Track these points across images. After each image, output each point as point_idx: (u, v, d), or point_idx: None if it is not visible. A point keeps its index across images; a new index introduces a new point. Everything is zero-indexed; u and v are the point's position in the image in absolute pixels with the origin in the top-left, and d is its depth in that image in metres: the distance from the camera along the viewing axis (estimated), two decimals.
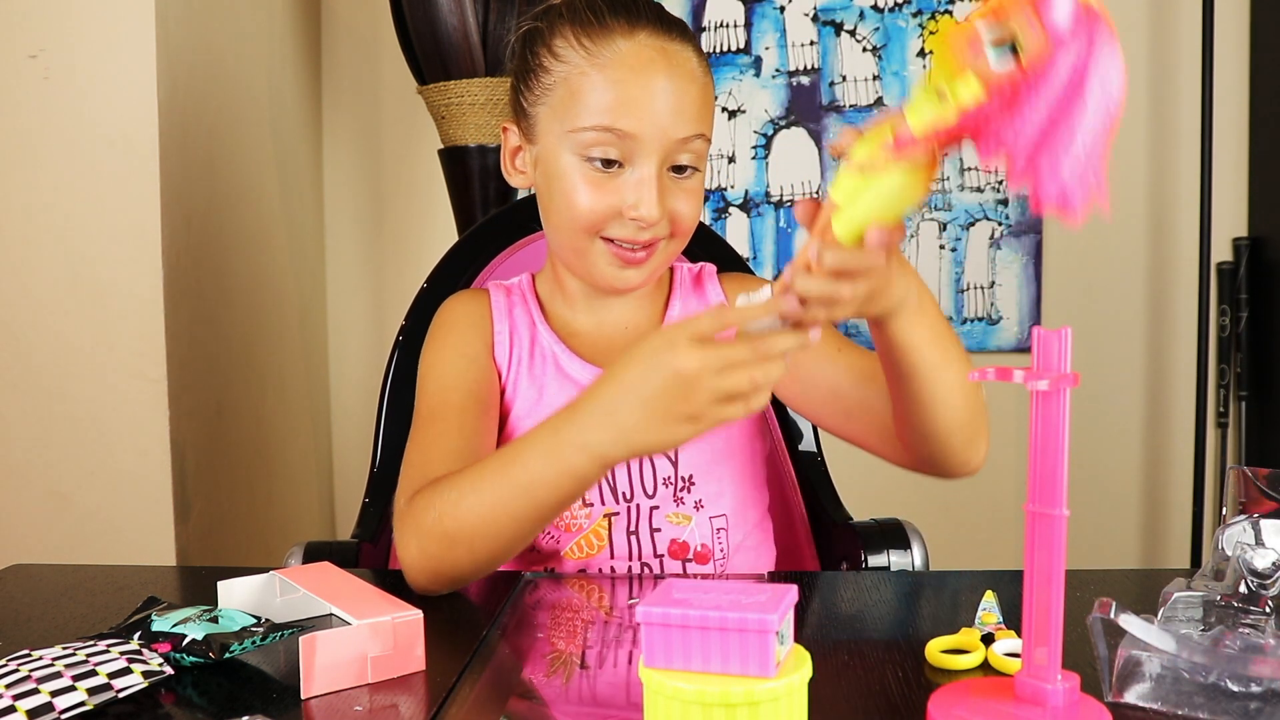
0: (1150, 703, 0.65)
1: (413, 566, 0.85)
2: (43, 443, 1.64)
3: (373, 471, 1.25)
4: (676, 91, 0.94)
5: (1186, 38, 2.28)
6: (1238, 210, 2.29)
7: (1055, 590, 0.58)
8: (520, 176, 1.03)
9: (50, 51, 1.59)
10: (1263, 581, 0.69)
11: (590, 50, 0.94)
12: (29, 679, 0.66)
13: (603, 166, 0.94)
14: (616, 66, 0.93)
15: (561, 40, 0.96)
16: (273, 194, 2.13)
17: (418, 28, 1.98)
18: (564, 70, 0.95)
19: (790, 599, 0.56)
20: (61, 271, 1.62)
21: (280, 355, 2.17)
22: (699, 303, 1.09)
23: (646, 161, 0.94)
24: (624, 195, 0.94)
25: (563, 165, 0.96)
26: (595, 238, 0.97)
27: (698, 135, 0.95)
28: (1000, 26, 0.58)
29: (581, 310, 1.06)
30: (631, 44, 0.94)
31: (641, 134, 0.93)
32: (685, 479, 1.03)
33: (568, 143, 0.95)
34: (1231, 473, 0.78)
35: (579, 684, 0.75)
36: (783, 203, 2.39)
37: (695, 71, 0.96)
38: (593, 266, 0.99)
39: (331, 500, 2.50)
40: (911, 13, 2.33)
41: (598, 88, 0.93)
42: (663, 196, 0.94)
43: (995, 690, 0.62)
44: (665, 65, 0.94)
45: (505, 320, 1.06)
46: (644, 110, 0.93)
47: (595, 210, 0.95)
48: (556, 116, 0.96)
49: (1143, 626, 0.64)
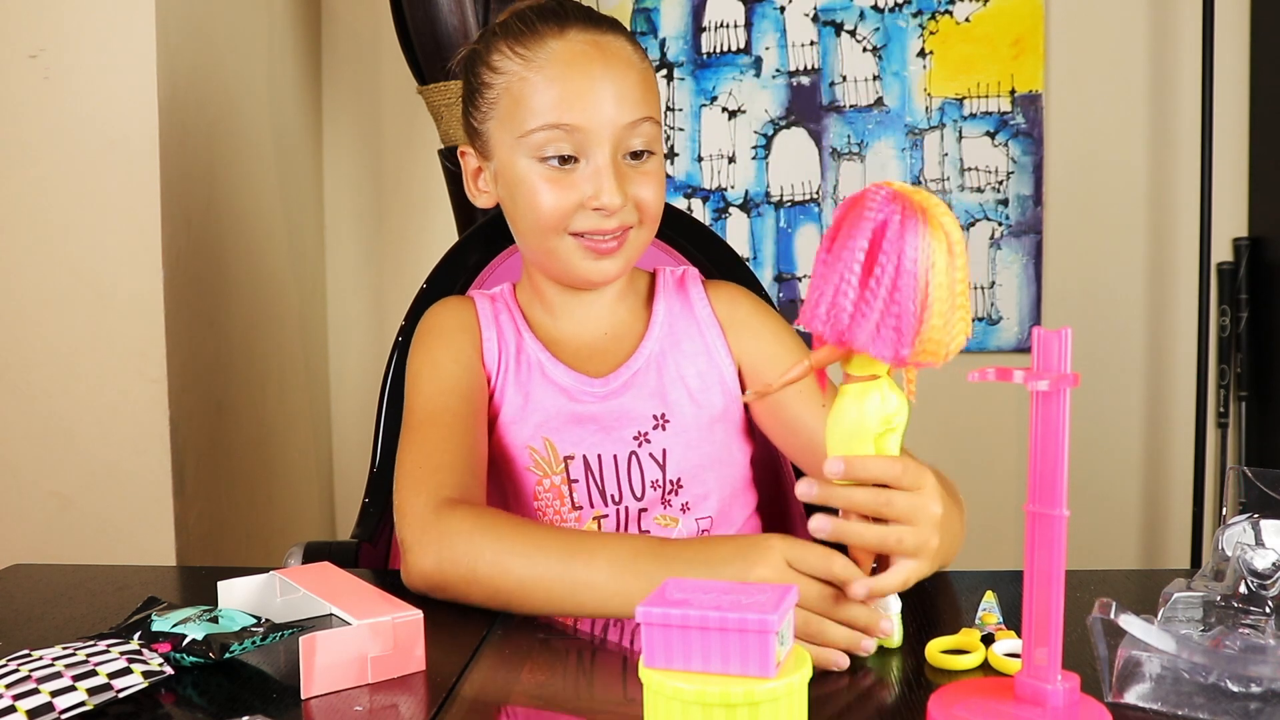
0: (1150, 703, 0.65)
1: (421, 574, 0.85)
2: (43, 443, 1.64)
3: (372, 472, 1.25)
4: (615, 79, 0.96)
5: (1187, 38, 2.28)
6: (1238, 210, 2.29)
7: (1055, 590, 0.58)
8: (484, 196, 1.07)
9: (50, 52, 1.59)
10: (1263, 582, 0.69)
11: (525, 56, 0.97)
12: (29, 679, 0.66)
13: (559, 164, 0.97)
14: (553, 65, 0.96)
15: (498, 54, 0.99)
16: (273, 194, 2.13)
17: (418, 27, 1.98)
18: (504, 80, 0.98)
19: (790, 599, 0.56)
20: (62, 272, 1.62)
21: (280, 355, 2.17)
22: (683, 305, 1.09)
23: (599, 151, 0.96)
24: (583, 188, 0.96)
25: (520, 171, 0.98)
26: (564, 235, 0.99)
27: (645, 119, 0.97)
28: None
29: (561, 316, 1.07)
30: (563, 42, 0.97)
31: (588, 125, 0.95)
32: (673, 482, 1.04)
33: (520, 149, 0.98)
34: (1231, 473, 0.78)
35: (579, 684, 0.75)
36: (783, 203, 2.39)
37: (631, 58, 0.99)
38: (566, 264, 1.00)
39: (331, 500, 2.49)
40: (912, 13, 2.33)
41: (538, 89, 0.96)
42: (622, 183, 0.96)
43: (995, 690, 0.62)
44: (600, 56, 0.97)
45: (493, 327, 1.06)
46: (586, 101, 0.95)
47: (559, 207, 0.97)
48: (505, 126, 0.99)
49: (1143, 627, 0.64)
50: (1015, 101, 2.31)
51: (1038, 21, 2.30)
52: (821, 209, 2.38)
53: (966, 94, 2.33)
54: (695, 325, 1.08)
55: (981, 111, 2.33)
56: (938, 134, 2.34)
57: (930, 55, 2.33)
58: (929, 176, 2.35)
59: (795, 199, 2.39)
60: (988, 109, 2.32)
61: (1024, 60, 2.31)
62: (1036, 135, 2.31)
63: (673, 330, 1.07)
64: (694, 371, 1.06)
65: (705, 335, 1.07)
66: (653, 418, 1.03)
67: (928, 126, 2.34)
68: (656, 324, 1.07)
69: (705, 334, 1.07)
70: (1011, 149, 2.33)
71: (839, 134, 2.37)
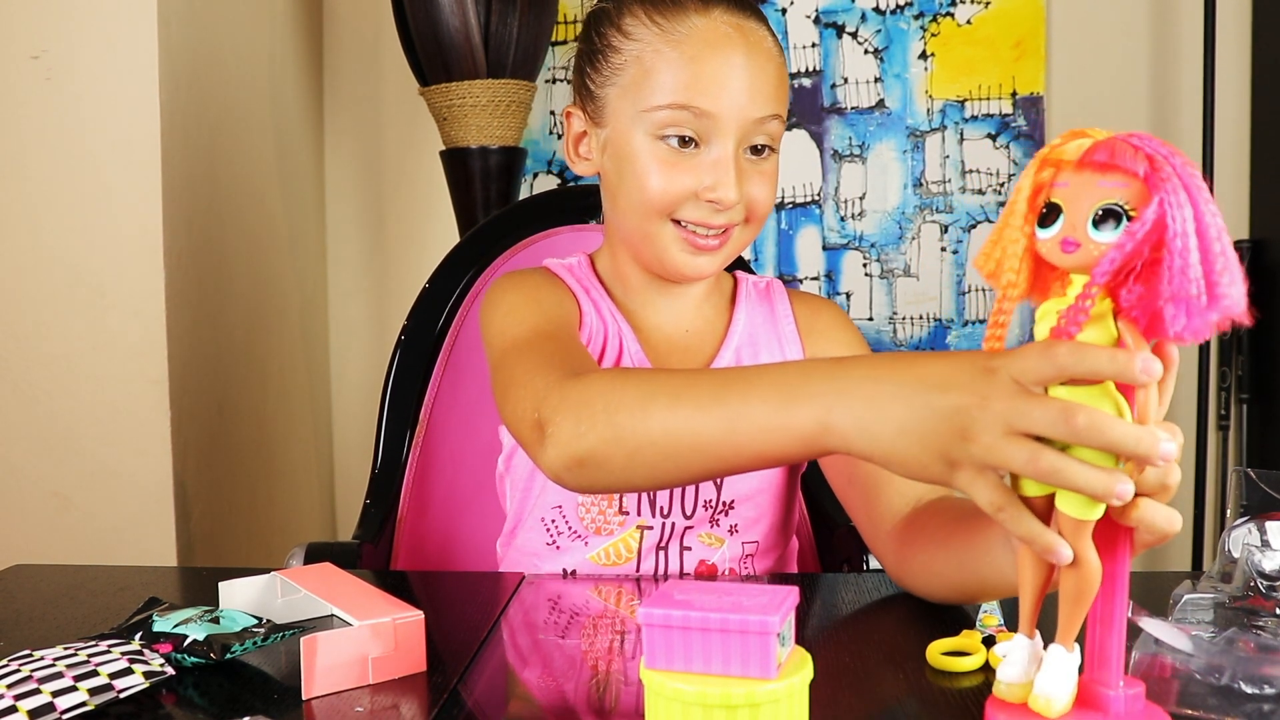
0: (1163, 705, 0.65)
1: (560, 449, 0.72)
2: (44, 443, 1.64)
3: (374, 473, 1.25)
4: (754, 69, 0.90)
5: (1188, 40, 2.28)
6: (1239, 213, 2.29)
7: (1120, 593, 0.57)
8: (585, 164, 0.99)
9: (52, 53, 1.59)
10: (1272, 583, 0.69)
11: (664, 27, 0.91)
12: (30, 679, 0.66)
13: (678, 146, 0.91)
14: (692, 43, 0.90)
15: (632, 19, 0.93)
16: (274, 195, 2.13)
17: (419, 29, 1.98)
18: (636, 48, 0.92)
19: (791, 601, 0.56)
20: (63, 273, 1.62)
21: (281, 356, 2.17)
22: (766, 316, 1.05)
23: (724, 141, 0.90)
24: (700, 176, 0.91)
25: (635, 146, 0.92)
26: (666, 221, 0.93)
27: (774, 116, 0.92)
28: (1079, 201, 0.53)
29: (640, 304, 1.02)
30: (707, 20, 0.90)
31: (719, 112, 0.89)
32: (726, 504, 1.00)
33: (641, 123, 0.91)
34: (1234, 474, 0.77)
35: (579, 685, 0.75)
36: (784, 205, 2.39)
37: (771, 50, 0.93)
38: (663, 252, 0.94)
39: (332, 501, 2.50)
40: (913, 15, 2.33)
41: (673, 65, 0.90)
42: (740, 178, 0.91)
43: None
44: (742, 42, 0.90)
45: (588, 300, 1.00)
46: (722, 88, 0.89)
47: (669, 192, 0.91)
48: (628, 96, 0.92)
49: (1163, 628, 0.63)
50: (1017, 103, 2.31)
51: (1039, 24, 2.30)
52: (822, 211, 2.38)
53: (968, 96, 2.33)
54: (777, 340, 1.04)
55: (983, 114, 2.33)
56: (939, 136, 2.34)
57: (932, 57, 2.33)
58: (930, 179, 2.35)
59: (796, 201, 2.39)
60: (989, 111, 2.32)
61: (1025, 62, 2.31)
62: (1038, 137, 2.31)
63: (753, 340, 1.03)
64: None
65: (785, 350, 1.03)
66: None
67: (929, 129, 2.34)
68: (737, 330, 1.03)
69: (786, 349, 1.03)
70: (1013, 151, 2.33)
71: (840, 136, 2.37)
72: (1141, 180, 0.51)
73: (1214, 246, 0.51)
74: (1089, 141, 0.53)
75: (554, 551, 1.01)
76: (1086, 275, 0.53)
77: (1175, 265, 0.50)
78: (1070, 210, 0.53)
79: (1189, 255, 0.50)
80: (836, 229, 2.38)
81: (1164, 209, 0.50)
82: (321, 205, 2.45)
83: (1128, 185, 0.51)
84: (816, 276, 2.40)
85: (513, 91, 2.01)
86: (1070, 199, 0.53)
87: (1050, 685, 0.56)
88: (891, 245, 2.37)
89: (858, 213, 2.37)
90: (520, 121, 2.06)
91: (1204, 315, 0.51)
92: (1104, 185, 0.52)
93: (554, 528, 1.01)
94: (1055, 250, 0.53)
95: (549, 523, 1.01)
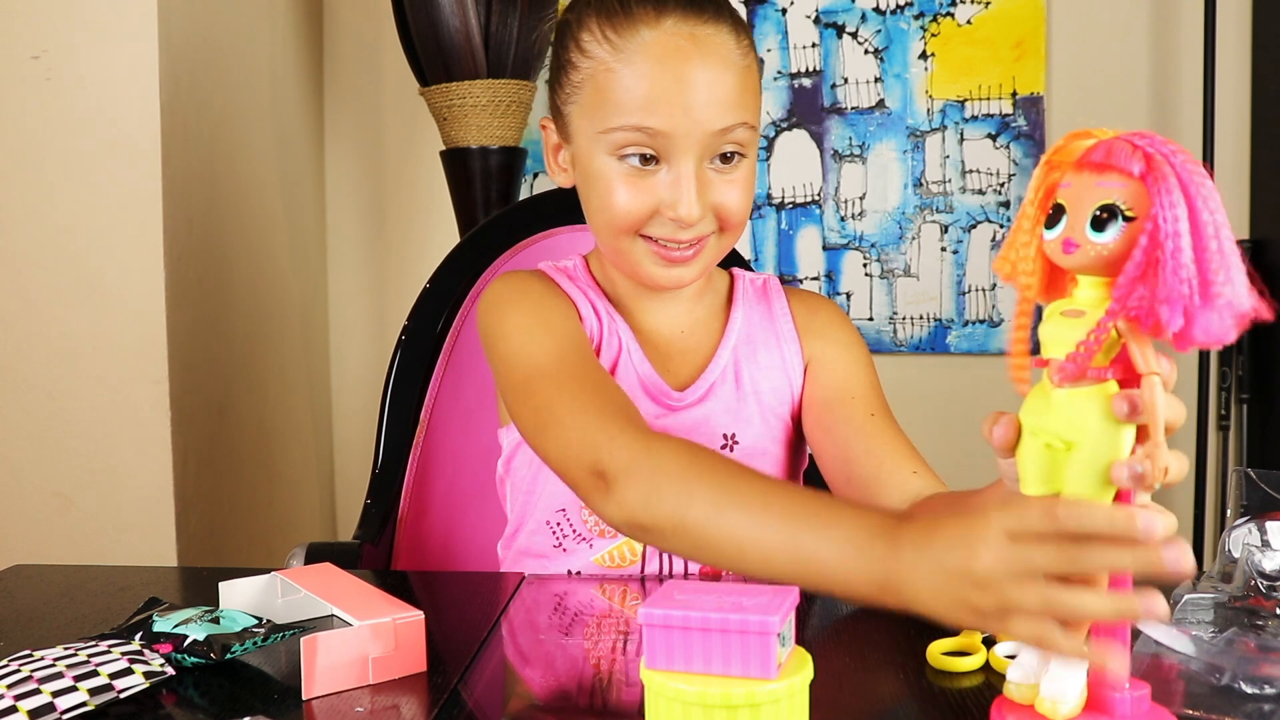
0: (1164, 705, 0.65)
1: (623, 511, 0.75)
2: (44, 443, 1.64)
3: (374, 473, 1.25)
4: (709, 82, 0.87)
5: (1188, 40, 2.28)
6: (1239, 213, 2.29)
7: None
8: (563, 175, 0.99)
9: (52, 53, 1.59)
10: (1272, 583, 0.69)
11: (615, 44, 0.89)
12: (30, 679, 0.66)
13: (639, 164, 0.90)
14: (642, 59, 0.87)
15: (588, 34, 0.91)
16: (274, 195, 2.13)
17: (420, 29, 1.98)
18: (590, 67, 0.91)
19: (791, 601, 0.56)
20: (63, 272, 1.62)
21: (282, 356, 2.17)
22: (763, 315, 1.04)
23: (683, 159, 0.88)
24: (661, 195, 0.90)
25: (597, 166, 0.92)
26: (636, 237, 0.92)
27: (739, 124, 0.89)
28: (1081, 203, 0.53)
29: (636, 307, 1.02)
30: (657, 33, 0.88)
31: (674, 130, 0.87)
32: None
33: (600, 143, 0.90)
34: (1234, 474, 0.77)
35: (580, 685, 0.75)
36: (784, 205, 2.39)
37: (731, 56, 0.89)
38: (637, 266, 0.94)
39: (333, 501, 2.49)
40: (913, 15, 2.33)
41: (624, 84, 0.88)
42: (703, 192, 0.89)
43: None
44: (696, 53, 0.87)
45: (586, 303, 1.00)
46: (675, 105, 0.87)
47: (633, 211, 0.90)
48: (586, 116, 0.92)
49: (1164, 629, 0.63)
50: (1017, 104, 2.31)
51: (1039, 24, 2.30)
52: (823, 211, 2.38)
53: (968, 96, 2.33)
54: (775, 338, 1.04)
55: (983, 114, 2.33)
56: (939, 136, 2.34)
57: (932, 57, 2.33)
58: (930, 179, 2.35)
59: (797, 201, 2.39)
60: (989, 111, 2.32)
61: (1025, 62, 2.31)
62: (1038, 137, 2.31)
63: (750, 339, 1.03)
64: (769, 387, 1.02)
65: (784, 349, 1.03)
66: (723, 437, 1.00)
67: (929, 129, 2.34)
68: (733, 331, 1.03)
69: (784, 348, 1.03)
70: (1013, 151, 2.32)
71: (840, 136, 2.37)
72: (1139, 180, 0.51)
73: (1209, 245, 0.50)
74: (1092, 141, 0.53)
75: (560, 554, 1.01)
76: (1089, 275, 0.54)
77: (1167, 265, 0.50)
78: (1072, 211, 0.53)
79: (1180, 255, 0.50)
80: (836, 229, 2.38)
81: (1156, 209, 0.50)
82: (322, 205, 2.45)
83: (1125, 185, 0.51)
84: (816, 276, 2.39)
85: (513, 91, 2.01)
86: (1072, 200, 0.53)
87: (1058, 687, 0.56)
88: (891, 245, 2.37)
89: (858, 213, 2.37)
90: (520, 121, 2.06)
91: (1204, 315, 0.51)
92: (1102, 185, 0.52)
93: (559, 530, 1.01)
94: (1057, 251, 0.54)
95: (554, 525, 1.01)
